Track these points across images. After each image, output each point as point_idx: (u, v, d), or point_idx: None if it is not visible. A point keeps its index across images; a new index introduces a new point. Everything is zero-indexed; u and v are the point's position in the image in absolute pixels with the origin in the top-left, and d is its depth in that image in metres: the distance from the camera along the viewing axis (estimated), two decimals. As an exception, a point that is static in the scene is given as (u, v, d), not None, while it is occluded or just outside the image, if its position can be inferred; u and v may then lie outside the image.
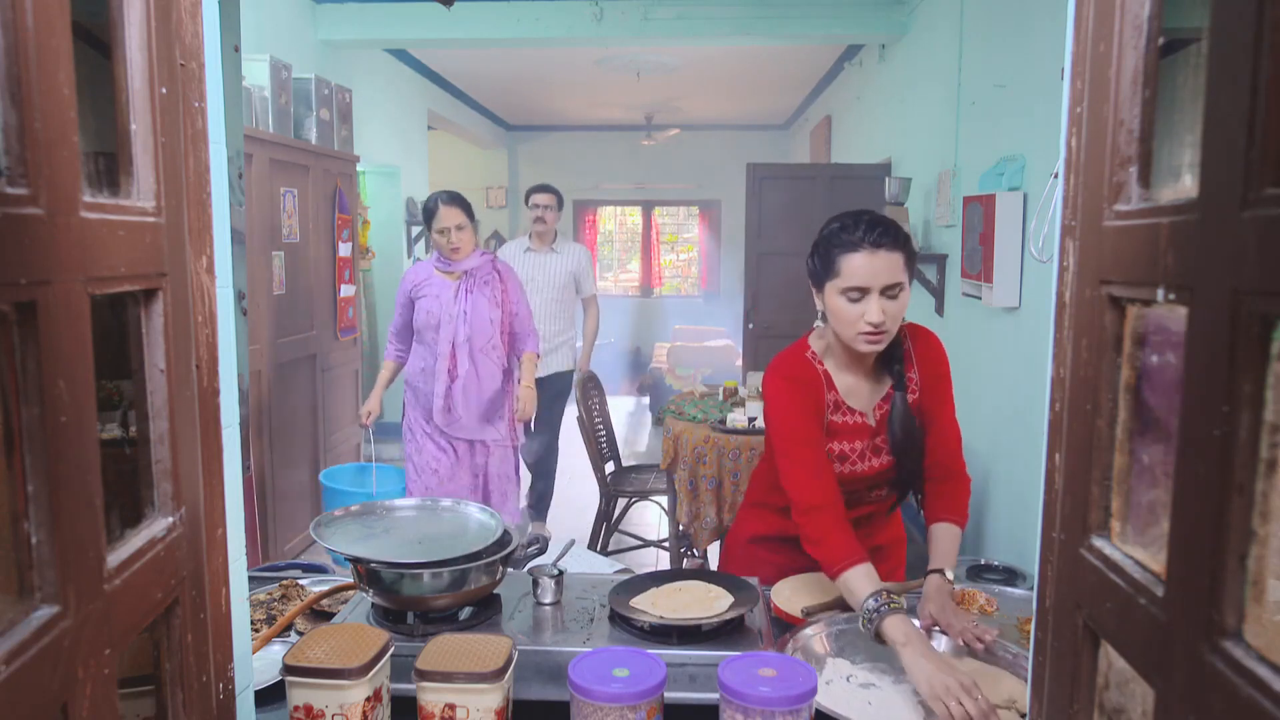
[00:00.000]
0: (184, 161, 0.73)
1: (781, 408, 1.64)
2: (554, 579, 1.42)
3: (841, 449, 1.67)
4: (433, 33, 5.41)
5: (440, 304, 3.40)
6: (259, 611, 1.54)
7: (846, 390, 1.67)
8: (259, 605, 1.56)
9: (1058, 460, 0.74)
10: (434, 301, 3.42)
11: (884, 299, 1.54)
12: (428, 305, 3.43)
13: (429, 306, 3.42)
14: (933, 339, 1.75)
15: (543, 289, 4.56)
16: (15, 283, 0.49)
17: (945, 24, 4.45)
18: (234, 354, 0.85)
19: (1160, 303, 0.58)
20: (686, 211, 11.65)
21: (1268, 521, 0.47)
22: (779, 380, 1.66)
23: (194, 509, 0.75)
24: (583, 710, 1.06)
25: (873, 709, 1.25)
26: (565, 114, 9.99)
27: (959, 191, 4.14)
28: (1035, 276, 3.25)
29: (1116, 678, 0.67)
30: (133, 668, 0.77)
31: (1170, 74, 0.64)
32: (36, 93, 0.51)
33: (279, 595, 1.60)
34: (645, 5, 5.23)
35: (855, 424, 1.67)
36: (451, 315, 3.41)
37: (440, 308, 3.41)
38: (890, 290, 1.54)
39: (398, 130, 6.83)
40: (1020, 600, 1.65)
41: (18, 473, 0.51)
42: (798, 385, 1.65)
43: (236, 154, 2.14)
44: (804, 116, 9.41)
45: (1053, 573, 0.75)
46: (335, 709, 1.06)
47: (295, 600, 1.59)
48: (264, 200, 3.91)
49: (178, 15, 0.72)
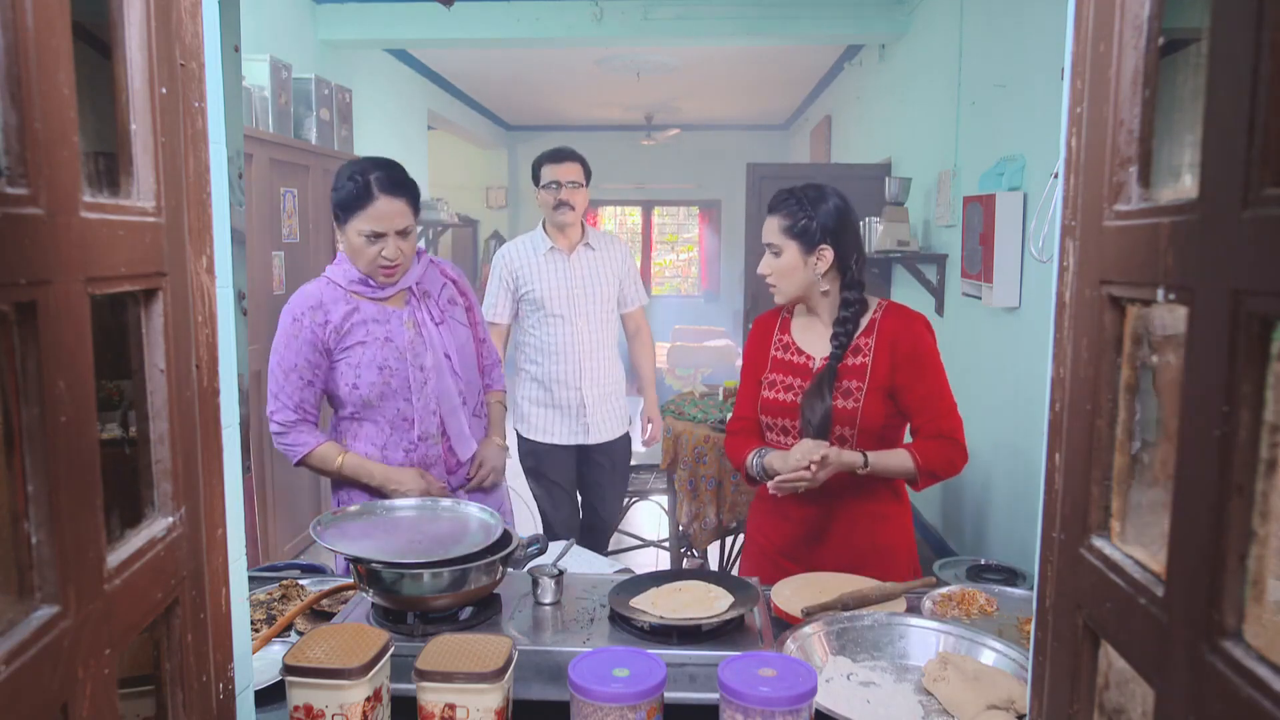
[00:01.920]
0: (184, 161, 0.73)
1: (746, 347, 2.11)
2: (554, 579, 1.42)
3: (775, 378, 1.98)
4: (433, 33, 5.41)
5: (392, 347, 2.01)
6: (259, 611, 1.54)
7: (801, 335, 1.98)
8: (259, 605, 1.56)
9: (1058, 460, 0.74)
10: (378, 346, 1.99)
11: (770, 254, 1.92)
12: (370, 355, 1.98)
13: (372, 356, 1.98)
14: (912, 321, 1.89)
15: (583, 308, 3.05)
16: (15, 283, 0.49)
17: (945, 24, 4.45)
18: (234, 354, 0.85)
19: (1160, 303, 0.58)
20: (686, 211, 11.66)
21: (1268, 521, 0.47)
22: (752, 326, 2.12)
23: (194, 509, 0.75)
24: (583, 710, 1.06)
25: (872, 707, 1.25)
26: (565, 114, 9.99)
27: (959, 191, 4.14)
28: (1035, 276, 3.25)
29: (1116, 678, 0.67)
30: (133, 668, 0.77)
31: (1170, 74, 0.64)
32: (36, 93, 0.51)
33: (279, 595, 1.60)
34: (645, 5, 5.23)
35: (798, 363, 1.95)
36: (418, 358, 2.03)
37: (393, 353, 2.01)
38: (771, 248, 1.91)
39: (398, 130, 6.83)
40: (1020, 600, 1.65)
41: (18, 473, 0.51)
42: (756, 327, 2.08)
43: (236, 154, 2.14)
44: (804, 116, 9.41)
45: (1053, 573, 0.75)
46: (335, 709, 1.06)
47: (295, 600, 1.59)
48: (264, 200, 3.91)
49: (178, 15, 0.72)
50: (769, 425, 1.97)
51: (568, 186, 3.00)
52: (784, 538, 1.95)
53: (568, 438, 3.13)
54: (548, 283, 3.04)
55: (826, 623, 1.44)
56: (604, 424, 3.15)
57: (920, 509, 4.62)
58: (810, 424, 1.85)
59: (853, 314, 1.89)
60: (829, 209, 1.87)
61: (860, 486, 1.86)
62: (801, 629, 1.42)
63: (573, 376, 3.07)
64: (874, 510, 1.89)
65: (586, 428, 3.12)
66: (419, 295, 2.06)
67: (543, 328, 3.07)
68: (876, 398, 1.84)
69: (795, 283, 1.90)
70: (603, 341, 3.12)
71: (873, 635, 1.42)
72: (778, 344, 2.00)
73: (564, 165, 3.02)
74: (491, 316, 3.10)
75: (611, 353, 3.16)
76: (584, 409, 3.10)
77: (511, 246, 3.13)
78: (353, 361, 1.99)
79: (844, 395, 1.85)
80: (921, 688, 1.29)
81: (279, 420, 2.00)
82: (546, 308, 3.04)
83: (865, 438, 1.85)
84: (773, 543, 1.98)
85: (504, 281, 3.09)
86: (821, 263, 1.87)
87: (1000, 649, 1.35)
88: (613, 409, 3.18)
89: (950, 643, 1.41)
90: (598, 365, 3.11)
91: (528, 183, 3.49)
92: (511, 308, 3.12)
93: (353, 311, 2.00)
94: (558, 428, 3.13)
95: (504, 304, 3.11)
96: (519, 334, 3.19)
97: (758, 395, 1.99)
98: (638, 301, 3.26)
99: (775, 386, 1.96)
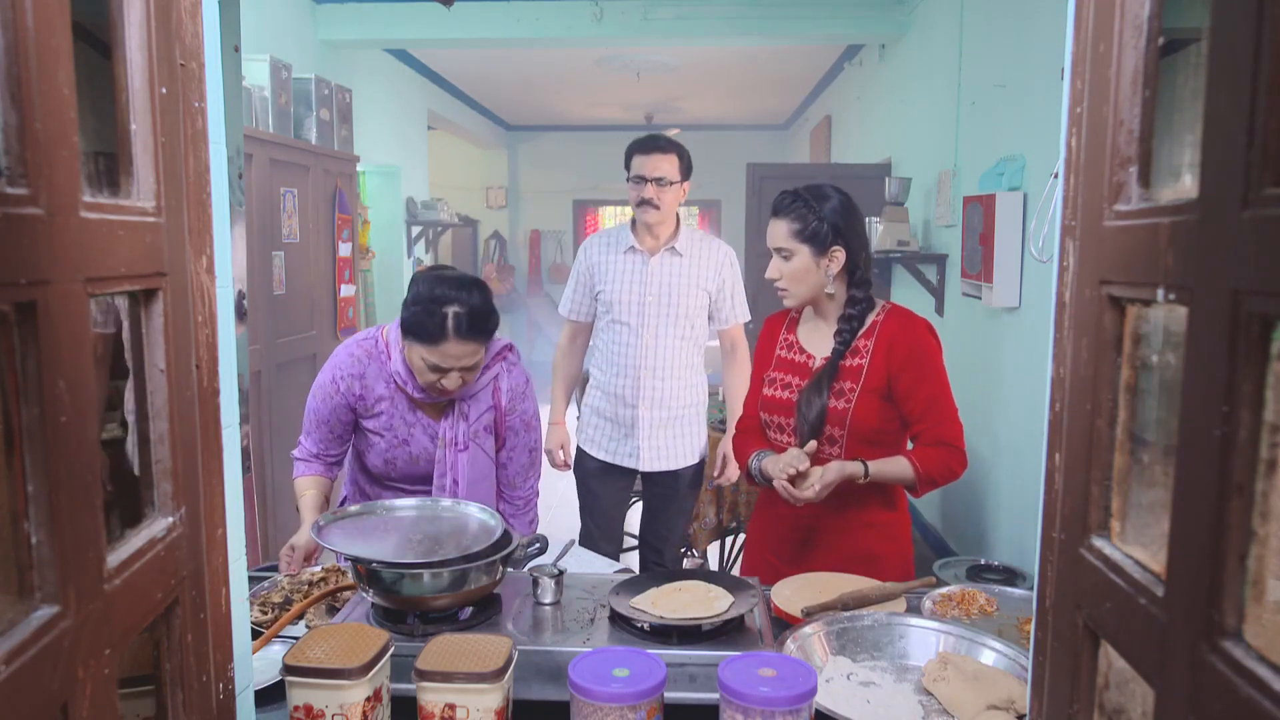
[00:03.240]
0: (184, 161, 0.73)
1: (756, 347, 2.10)
2: (554, 579, 1.42)
3: (775, 376, 1.98)
4: (433, 33, 5.41)
5: (406, 451, 1.97)
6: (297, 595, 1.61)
7: (806, 335, 1.98)
8: (300, 586, 1.63)
9: (1058, 460, 0.74)
10: (395, 445, 1.96)
11: (779, 258, 1.88)
12: (384, 445, 1.97)
13: (385, 447, 1.97)
14: (914, 325, 1.87)
15: (653, 319, 2.69)
16: (15, 283, 0.49)
17: (945, 24, 4.45)
18: (234, 354, 0.85)
19: (1160, 303, 0.58)
20: (686, 211, 11.64)
21: (1268, 521, 0.47)
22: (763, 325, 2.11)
23: (194, 509, 0.75)
24: (583, 710, 1.06)
25: (872, 707, 1.25)
26: (565, 114, 9.99)
27: (959, 191, 4.14)
28: (1035, 276, 3.25)
29: (1116, 678, 0.67)
30: (133, 668, 0.77)
31: (1170, 74, 0.64)
32: (36, 93, 0.51)
33: (319, 578, 1.65)
34: (645, 5, 5.23)
35: (800, 362, 1.95)
36: (424, 466, 1.98)
37: (404, 455, 1.97)
38: (781, 252, 1.87)
39: (398, 130, 6.83)
40: (1020, 600, 1.65)
41: (18, 473, 0.51)
42: (766, 327, 2.08)
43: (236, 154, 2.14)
44: (804, 116, 9.40)
45: (1053, 573, 0.75)
46: (335, 709, 1.06)
47: (336, 582, 1.65)
48: (264, 200, 3.91)
49: (178, 15, 0.72)
50: (767, 423, 1.97)
51: (654, 184, 2.60)
52: (779, 540, 1.96)
53: (618, 457, 2.79)
54: (619, 285, 2.69)
55: (826, 623, 1.44)
56: (660, 453, 2.76)
57: (920, 509, 4.62)
58: (806, 420, 1.84)
59: (859, 311, 1.87)
60: (836, 208, 1.84)
61: (853, 494, 1.84)
62: (801, 629, 1.42)
63: (630, 393, 2.71)
64: (866, 518, 1.87)
65: (638, 452, 2.75)
66: (457, 416, 1.95)
67: (610, 333, 2.75)
68: (870, 400, 1.82)
69: (807, 286, 1.88)
70: (672, 360, 2.71)
71: (873, 635, 1.42)
72: (783, 343, 2.00)
73: (653, 157, 2.61)
74: (566, 312, 2.85)
75: (685, 374, 2.76)
76: (635, 430, 2.73)
77: (593, 240, 2.81)
78: (369, 437, 1.97)
79: (837, 395, 1.84)
80: (921, 688, 1.29)
81: (298, 456, 2.02)
82: (614, 312, 2.71)
83: (855, 439, 1.83)
84: (769, 545, 1.99)
85: (581, 277, 2.80)
86: (834, 264, 1.85)
87: (1000, 649, 1.35)
88: (675, 437, 2.77)
89: (950, 643, 1.41)
90: (661, 385, 2.71)
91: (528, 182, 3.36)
92: (589, 305, 2.81)
93: (388, 400, 1.93)
94: (609, 444, 2.81)
95: (581, 301, 2.81)
96: (594, 335, 2.89)
97: (755, 395, 2.01)
98: (734, 319, 2.80)
99: (775, 384, 1.96)
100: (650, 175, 2.59)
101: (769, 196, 5.52)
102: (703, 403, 2.86)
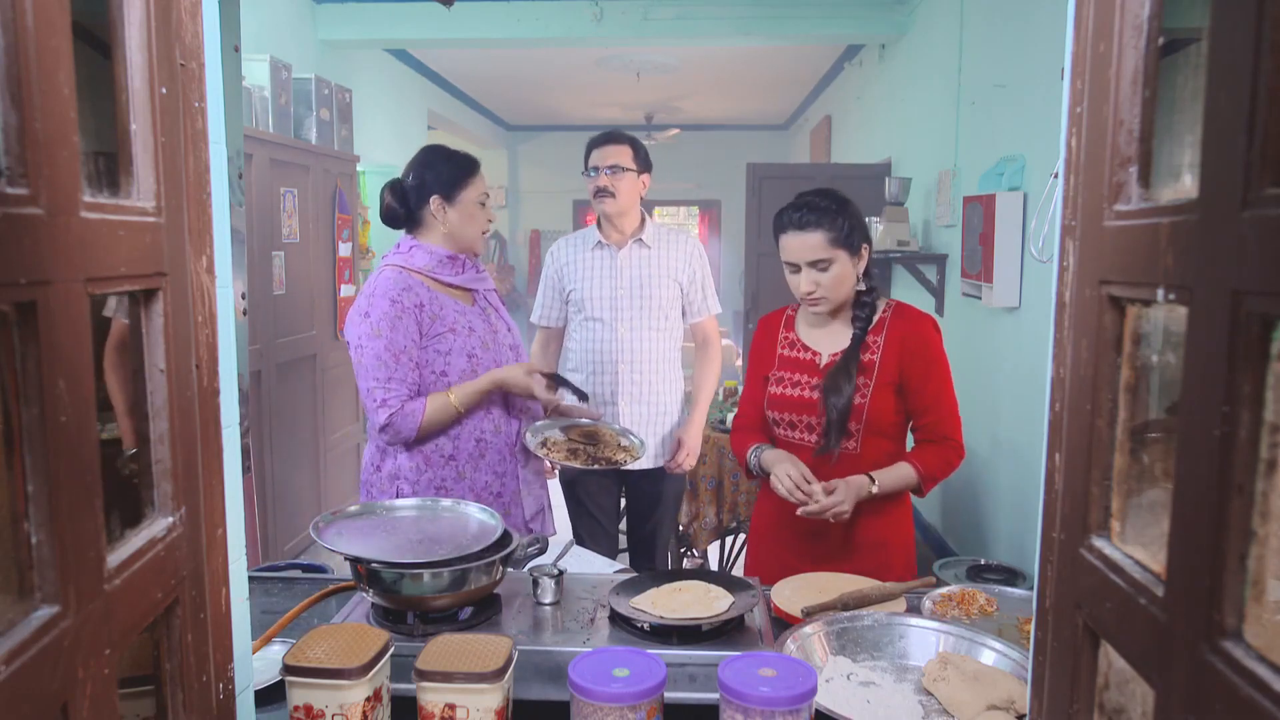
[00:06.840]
0: (184, 161, 0.73)
1: (751, 346, 2.12)
2: (554, 579, 1.42)
3: (782, 375, 1.98)
4: (433, 33, 5.41)
5: (475, 337, 2.09)
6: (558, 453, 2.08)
7: (807, 332, 1.99)
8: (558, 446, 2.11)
9: (1058, 460, 0.74)
10: (465, 335, 2.07)
11: (815, 271, 1.84)
12: (461, 343, 2.06)
13: (462, 343, 2.06)
14: (921, 323, 1.91)
15: (626, 313, 2.64)
16: (15, 283, 0.49)
17: (945, 24, 4.45)
18: (234, 354, 0.85)
19: (1160, 303, 0.58)
20: (686, 211, 11.65)
21: (1268, 521, 0.47)
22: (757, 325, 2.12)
23: (194, 509, 0.75)
24: (583, 710, 1.06)
25: (872, 707, 1.25)
26: (565, 114, 9.98)
27: (959, 191, 4.14)
28: (1035, 276, 3.25)
29: (1116, 678, 0.67)
30: (133, 668, 0.77)
31: (1170, 74, 0.64)
32: (36, 93, 0.51)
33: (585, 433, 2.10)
34: (645, 5, 5.23)
35: (805, 359, 1.96)
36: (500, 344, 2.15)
37: (476, 342, 2.09)
38: (818, 264, 1.83)
39: (398, 130, 6.83)
40: (1020, 600, 1.65)
41: (18, 473, 0.51)
42: (761, 327, 2.09)
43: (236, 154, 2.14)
44: (804, 116, 9.41)
45: (1053, 573, 0.75)
46: (335, 709, 1.06)
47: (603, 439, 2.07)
48: (264, 200, 3.91)
49: (178, 15, 0.72)
50: (776, 421, 1.98)
51: (606, 172, 2.58)
52: (785, 529, 1.98)
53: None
54: (590, 282, 2.65)
55: (826, 623, 1.44)
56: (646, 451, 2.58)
57: (920, 509, 4.62)
58: (835, 408, 1.86)
59: (871, 299, 1.92)
60: (853, 208, 1.87)
61: None
62: (801, 629, 1.42)
63: (608, 390, 2.65)
64: (873, 506, 1.90)
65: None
66: (484, 291, 2.15)
67: (583, 331, 2.69)
68: (884, 394, 1.87)
69: (847, 289, 1.88)
70: (649, 354, 2.66)
71: (873, 635, 1.42)
72: (783, 342, 2.02)
73: (606, 148, 2.62)
74: (537, 319, 2.79)
75: (664, 369, 2.70)
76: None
77: (560, 243, 2.79)
78: (442, 349, 1.99)
79: None
80: (921, 688, 1.29)
81: (394, 406, 1.93)
82: (586, 310, 2.66)
83: (870, 432, 1.88)
84: (775, 536, 2.02)
85: (551, 280, 2.76)
86: (863, 262, 1.89)
87: (1000, 649, 1.35)
88: (656, 434, 2.71)
89: (950, 643, 1.41)
90: (641, 380, 2.66)
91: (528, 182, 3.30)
92: (560, 310, 2.76)
93: (434, 299, 2.01)
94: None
95: (552, 305, 2.77)
96: (566, 339, 2.83)
97: (762, 393, 2.01)
98: (705, 311, 2.74)
99: (783, 383, 1.97)
100: (604, 164, 2.61)
101: (769, 196, 5.53)
102: (681, 398, 2.81)
